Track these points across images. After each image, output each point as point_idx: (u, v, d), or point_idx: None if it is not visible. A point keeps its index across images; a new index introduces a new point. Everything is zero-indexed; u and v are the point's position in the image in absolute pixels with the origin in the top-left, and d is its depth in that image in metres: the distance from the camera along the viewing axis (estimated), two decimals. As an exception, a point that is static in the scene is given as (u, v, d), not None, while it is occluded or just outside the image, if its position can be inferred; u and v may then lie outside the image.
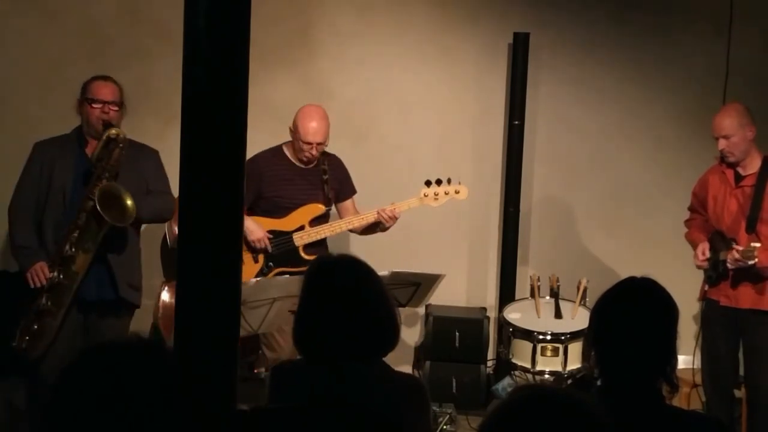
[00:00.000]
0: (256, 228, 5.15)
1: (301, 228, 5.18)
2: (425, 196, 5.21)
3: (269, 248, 5.14)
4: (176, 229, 3.58)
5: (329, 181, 5.20)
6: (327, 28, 6.25)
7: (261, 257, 5.21)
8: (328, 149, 5.25)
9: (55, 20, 6.01)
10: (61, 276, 4.37)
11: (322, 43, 6.25)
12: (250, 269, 5.19)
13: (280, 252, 5.17)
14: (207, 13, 2.59)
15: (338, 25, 6.26)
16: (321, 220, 5.23)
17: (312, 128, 5.06)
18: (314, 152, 5.10)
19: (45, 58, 5.96)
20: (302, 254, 5.16)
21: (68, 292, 4.39)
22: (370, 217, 5.18)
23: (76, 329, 4.52)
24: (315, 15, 6.25)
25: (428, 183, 5.22)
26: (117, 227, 4.39)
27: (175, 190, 2.77)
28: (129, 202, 4.36)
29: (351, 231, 5.39)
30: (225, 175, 2.66)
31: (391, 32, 6.28)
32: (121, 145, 4.37)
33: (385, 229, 5.22)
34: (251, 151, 2.75)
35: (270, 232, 5.17)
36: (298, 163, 5.20)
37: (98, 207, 4.29)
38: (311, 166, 5.20)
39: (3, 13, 5.98)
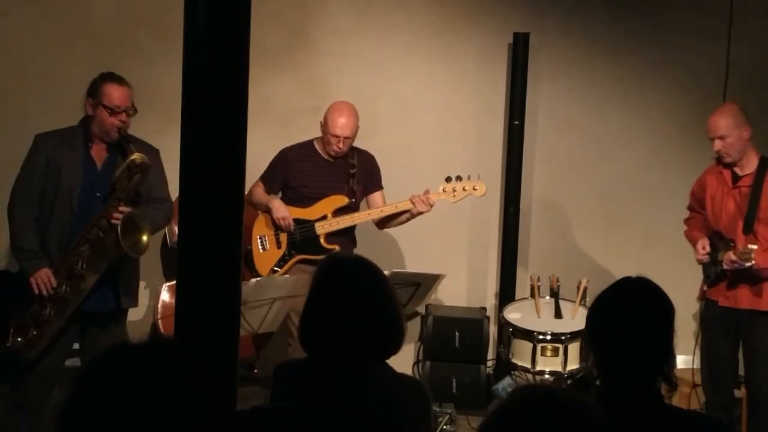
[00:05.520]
0: (281, 207, 5.35)
1: (324, 218, 5.35)
2: (444, 191, 5.34)
3: (292, 228, 5.31)
4: (176, 229, 3.58)
5: (356, 175, 5.38)
6: (327, 28, 6.26)
7: (284, 243, 5.38)
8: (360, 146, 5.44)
9: (56, 20, 6.01)
10: (68, 290, 4.33)
11: (322, 43, 6.26)
12: (273, 254, 5.40)
13: (302, 239, 5.34)
14: (207, 13, 2.59)
15: (338, 25, 6.26)
16: (344, 211, 5.37)
17: (340, 122, 5.27)
18: (341, 146, 5.28)
19: (45, 58, 5.96)
20: (323, 243, 5.33)
21: (72, 306, 4.36)
22: (401, 205, 5.31)
23: (72, 336, 4.50)
24: (315, 15, 6.25)
25: (448, 179, 5.35)
26: None
27: (175, 190, 2.77)
28: (145, 237, 4.33)
29: (378, 222, 5.48)
30: (225, 175, 2.66)
31: (391, 32, 6.29)
32: (143, 171, 4.34)
33: (415, 214, 5.30)
34: (251, 151, 2.74)
35: (294, 220, 5.34)
36: (326, 157, 5.37)
37: (120, 235, 4.24)
38: (339, 159, 5.36)
39: (3, 13, 5.98)
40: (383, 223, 5.49)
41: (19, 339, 4.35)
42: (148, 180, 4.46)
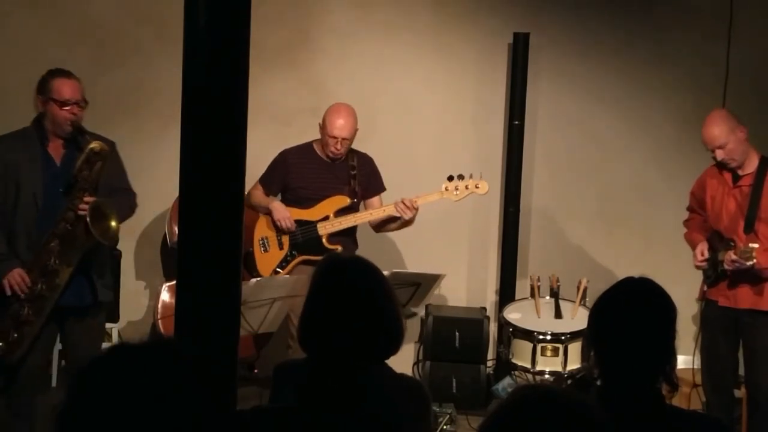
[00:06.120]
0: (281, 208, 5.36)
1: (326, 218, 5.35)
2: (446, 189, 5.34)
3: (293, 228, 5.32)
4: (176, 229, 3.58)
5: (357, 176, 5.38)
6: (327, 28, 6.26)
7: (286, 244, 5.38)
8: (359, 149, 5.45)
9: (55, 20, 6.01)
10: (44, 287, 4.30)
11: (322, 43, 6.26)
12: (275, 256, 5.40)
13: (305, 240, 5.35)
14: (207, 13, 2.59)
15: (338, 25, 6.26)
16: (346, 212, 5.37)
17: (338, 124, 5.27)
18: (339, 147, 5.28)
19: (45, 58, 5.95)
20: (326, 243, 5.34)
21: (50, 302, 4.34)
22: (388, 209, 5.33)
23: (52, 335, 4.49)
24: (315, 15, 6.25)
25: (450, 178, 5.35)
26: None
27: (175, 190, 2.77)
28: (114, 223, 4.33)
29: (373, 226, 5.50)
30: (225, 175, 2.66)
31: (391, 32, 6.29)
32: (103, 159, 4.33)
33: (408, 222, 5.34)
34: (251, 151, 2.74)
35: (296, 221, 5.35)
36: (325, 159, 5.38)
37: (89, 223, 4.24)
38: (338, 161, 5.36)
39: (3, 12, 5.98)
40: (378, 227, 5.50)
41: (0, 344, 4.33)
42: (108, 172, 4.43)
